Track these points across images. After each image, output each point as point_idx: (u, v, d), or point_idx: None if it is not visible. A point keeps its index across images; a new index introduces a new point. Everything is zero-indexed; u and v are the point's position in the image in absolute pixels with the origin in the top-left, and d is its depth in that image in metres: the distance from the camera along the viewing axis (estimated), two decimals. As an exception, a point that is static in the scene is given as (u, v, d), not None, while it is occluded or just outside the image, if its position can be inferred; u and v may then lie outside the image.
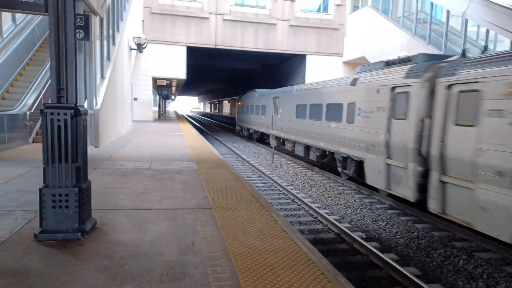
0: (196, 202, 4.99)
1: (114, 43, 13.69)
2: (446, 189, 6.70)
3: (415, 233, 6.87)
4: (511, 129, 5.37)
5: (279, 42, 24.23)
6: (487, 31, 13.51)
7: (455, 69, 6.74)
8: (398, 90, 8.18)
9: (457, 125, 6.47)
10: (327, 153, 12.38)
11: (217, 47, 23.60)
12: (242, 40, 23.77)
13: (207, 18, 23.17)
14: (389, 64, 9.40)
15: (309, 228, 7.03)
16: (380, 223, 7.47)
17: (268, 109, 19.71)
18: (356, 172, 10.18)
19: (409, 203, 8.20)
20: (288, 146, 15.05)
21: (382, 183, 8.60)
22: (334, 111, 11.45)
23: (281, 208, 8.32)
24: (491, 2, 13.08)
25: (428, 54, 8.48)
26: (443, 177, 6.73)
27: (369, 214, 8.03)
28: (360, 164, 9.80)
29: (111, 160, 8.32)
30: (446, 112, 6.76)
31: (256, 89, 24.62)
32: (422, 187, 7.31)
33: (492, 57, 6.09)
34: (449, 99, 6.73)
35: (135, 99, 22.73)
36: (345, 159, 10.87)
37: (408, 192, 7.69)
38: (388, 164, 8.40)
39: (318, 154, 12.93)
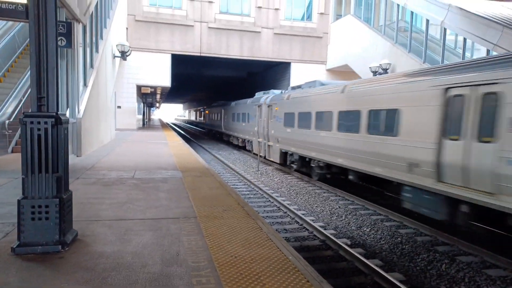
0: (180, 211, 4.94)
1: (97, 51, 13.53)
2: (269, 148, 16.17)
3: (399, 239, 6.97)
4: (277, 123, 15.14)
5: (264, 50, 24.44)
6: (465, 40, 13.98)
7: (269, 98, 16.60)
8: (260, 106, 17.82)
9: (270, 120, 16.10)
10: (244, 140, 21.68)
11: (202, 55, 23.61)
12: (227, 48, 23.86)
13: (192, 26, 23.20)
14: (265, 93, 18.71)
15: (294, 235, 7.04)
16: (365, 229, 7.54)
17: (221, 115, 28.58)
18: (253, 148, 19.31)
19: (393, 209, 8.55)
20: (230, 139, 25.95)
21: (257, 151, 17.99)
22: (244, 117, 20.93)
23: (267, 216, 8.31)
24: (468, 11, 13.55)
25: (276, 91, 18.14)
26: (268, 143, 16.28)
27: (354, 220, 8.11)
28: (251, 143, 19.67)
29: (94, 169, 8.17)
30: (268, 116, 16.35)
31: (218, 101, 33.60)
32: (265, 149, 16.82)
33: (276, 94, 16.50)
34: (269, 110, 16.39)
35: (119, 107, 22.43)
36: (248, 141, 20.44)
37: (263, 153, 17.16)
38: (259, 141, 17.93)
39: (240, 141, 22.55)
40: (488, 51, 12.68)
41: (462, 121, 6.17)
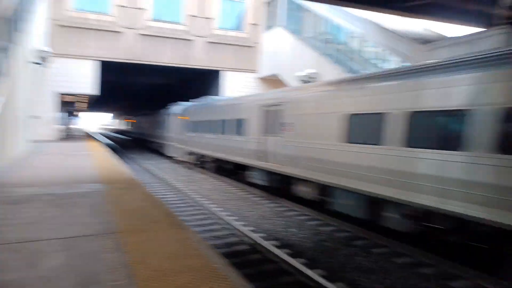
0: (101, 227, 4.70)
1: (7, 56, 12.24)
2: (179, 150, 19.93)
3: (322, 236, 7.43)
4: (183, 129, 19.67)
5: (197, 58, 24.28)
6: (382, 51, 15.56)
7: (178, 109, 21.05)
8: (174, 115, 21.36)
9: (178, 127, 20.43)
10: (161, 144, 24.85)
11: (133, 62, 22.66)
12: (160, 55, 23.23)
13: (121, 32, 22.18)
14: (176, 105, 22.02)
15: (225, 241, 7.11)
16: (292, 229, 7.90)
17: (144, 124, 34.53)
18: (168, 151, 22.71)
19: (320, 209, 9.11)
20: (152, 145, 29.30)
21: (172, 154, 21.44)
22: (160, 125, 24.99)
23: (197, 224, 8.25)
24: (383, 27, 15.15)
25: (185, 103, 20.77)
26: (179, 146, 20.36)
27: (282, 222, 8.45)
28: (167, 147, 23.06)
29: None
30: (177, 124, 20.51)
31: (143, 110, 38.90)
32: (180, 153, 19.91)
33: (184, 106, 20.55)
34: (177, 119, 20.60)
35: (37, 117, 20.46)
36: (164, 145, 23.75)
37: (179, 156, 20.04)
38: (171, 144, 21.32)
39: (159, 145, 25.75)
40: (401, 61, 14.24)
41: (269, 124, 10.19)
